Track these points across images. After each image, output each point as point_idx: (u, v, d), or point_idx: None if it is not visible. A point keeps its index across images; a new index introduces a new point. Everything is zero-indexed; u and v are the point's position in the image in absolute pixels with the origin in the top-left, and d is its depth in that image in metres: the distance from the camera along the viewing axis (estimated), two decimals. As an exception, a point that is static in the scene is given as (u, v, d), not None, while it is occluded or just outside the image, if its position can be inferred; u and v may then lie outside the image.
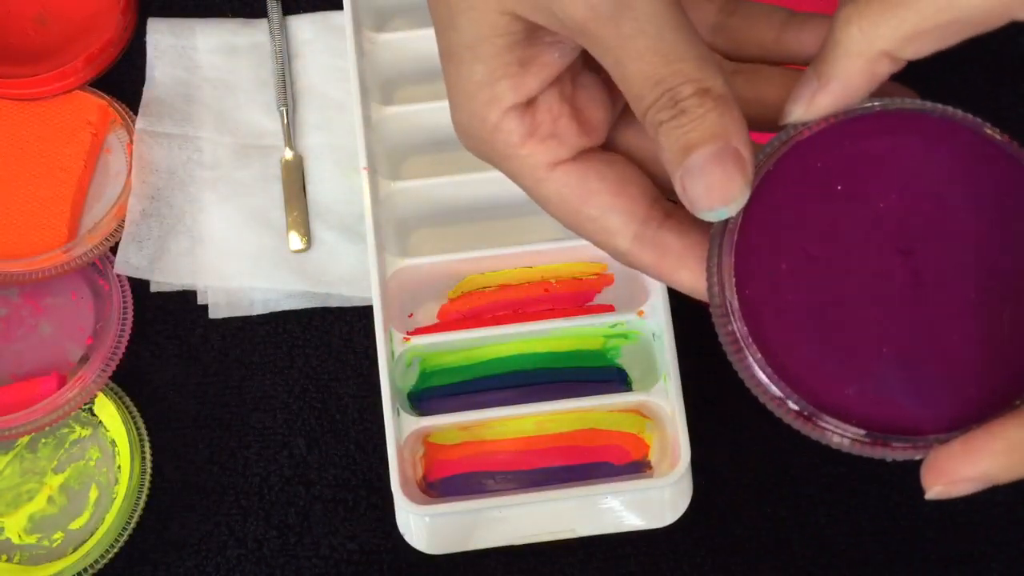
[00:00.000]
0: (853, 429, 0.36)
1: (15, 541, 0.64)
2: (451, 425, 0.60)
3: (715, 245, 0.37)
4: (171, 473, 0.65)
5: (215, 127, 0.70)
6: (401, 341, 0.60)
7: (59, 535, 0.64)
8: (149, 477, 0.64)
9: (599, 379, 0.63)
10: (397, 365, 0.60)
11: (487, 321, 0.63)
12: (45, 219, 0.67)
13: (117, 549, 0.63)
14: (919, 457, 0.35)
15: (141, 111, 0.69)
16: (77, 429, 0.65)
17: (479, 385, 0.63)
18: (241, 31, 0.71)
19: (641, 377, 0.62)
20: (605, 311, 0.63)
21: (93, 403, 0.65)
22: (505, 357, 0.62)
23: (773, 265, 0.36)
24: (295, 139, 0.69)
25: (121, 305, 0.66)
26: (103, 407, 0.65)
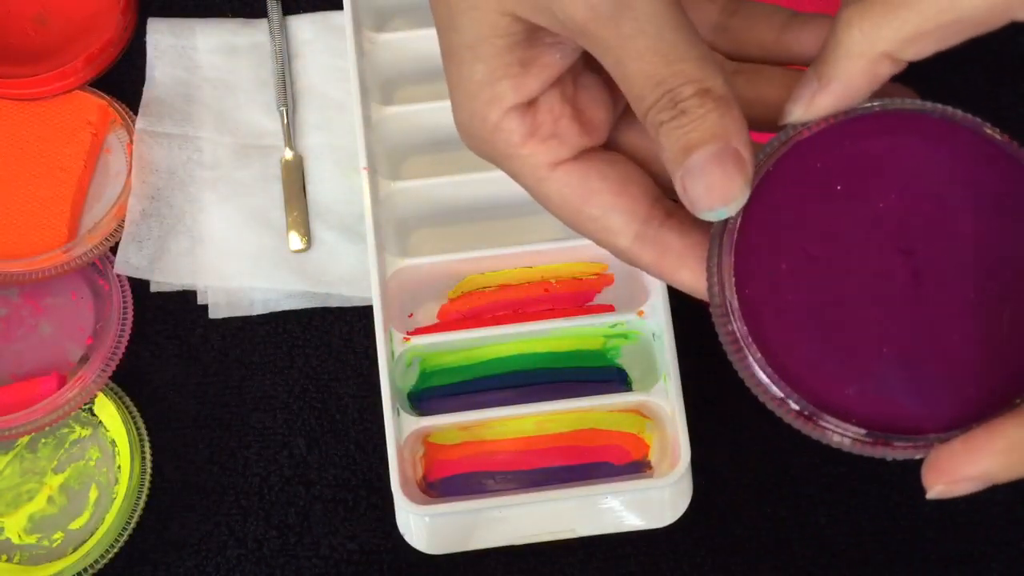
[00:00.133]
0: (854, 428, 0.36)
1: (15, 541, 0.64)
2: (451, 425, 0.60)
3: (715, 245, 0.37)
4: (171, 473, 0.65)
5: (215, 127, 0.70)
6: (401, 341, 0.60)
7: (59, 535, 0.64)
8: (149, 477, 0.64)
9: (599, 379, 0.63)
10: (397, 365, 0.60)
11: (487, 321, 0.63)
12: (45, 219, 0.67)
13: (117, 549, 0.63)
14: (920, 456, 0.35)
15: (141, 111, 0.69)
16: (77, 429, 0.65)
17: (479, 385, 0.63)
18: (241, 31, 0.71)
19: (641, 377, 0.62)
20: (605, 311, 0.63)
21: (93, 403, 0.65)
22: (505, 357, 0.62)
23: (773, 265, 0.36)
24: (295, 139, 0.69)
25: (121, 305, 0.66)
26: (103, 407, 0.65)
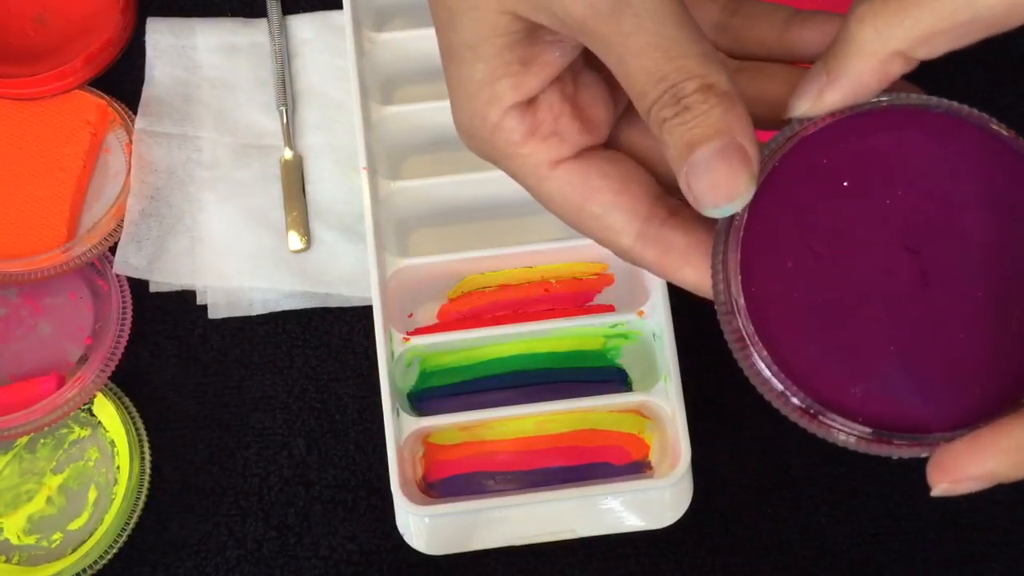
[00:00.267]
0: (859, 427, 0.35)
1: (14, 542, 0.63)
2: (451, 425, 0.60)
3: (720, 242, 0.37)
4: (170, 473, 0.64)
5: (214, 127, 0.69)
6: (401, 341, 0.60)
7: (58, 536, 0.63)
8: (148, 478, 0.64)
9: (599, 379, 0.63)
10: (397, 365, 0.60)
11: (487, 321, 0.63)
12: (44, 219, 0.67)
13: (116, 550, 0.63)
14: (925, 455, 0.35)
15: (140, 111, 0.69)
16: (76, 429, 0.65)
17: (479, 385, 0.63)
18: (240, 31, 0.71)
19: (641, 377, 0.62)
20: (605, 311, 0.63)
21: (92, 403, 0.65)
22: (505, 357, 0.62)
23: (779, 262, 0.36)
24: (295, 139, 0.69)
25: (120, 305, 0.66)
26: (102, 407, 0.65)
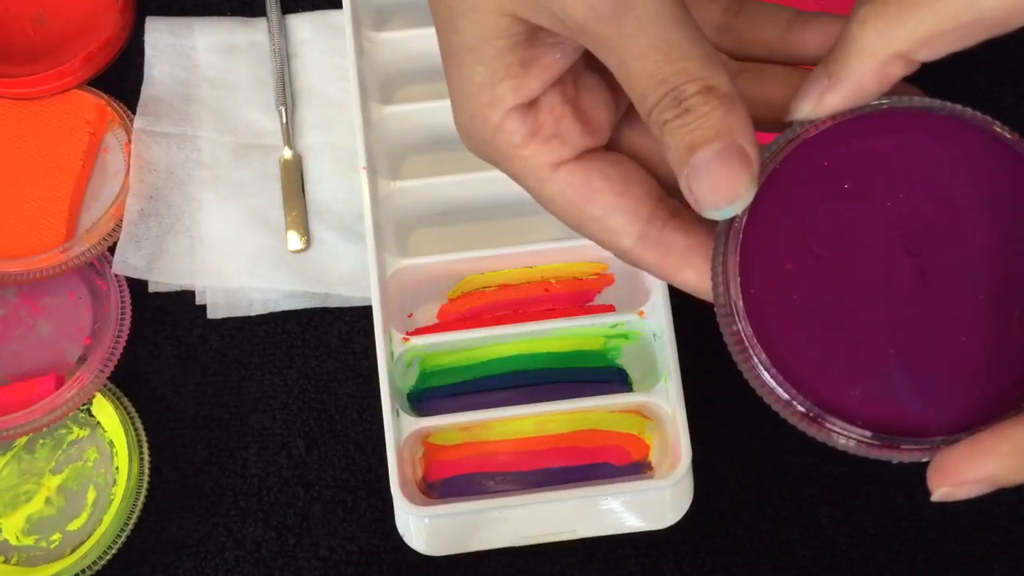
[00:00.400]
0: (859, 431, 0.35)
1: (13, 542, 0.63)
2: (451, 426, 0.59)
3: (720, 244, 0.37)
4: (169, 474, 0.64)
5: (214, 126, 0.69)
6: (401, 341, 0.60)
7: (57, 536, 0.63)
8: (147, 478, 0.64)
9: (599, 379, 0.63)
10: (397, 365, 0.60)
11: (487, 321, 0.63)
12: (43, 219, 0.67)
13: (115, 550, 0.62)
14: (925, 459, 0.35)
15: (139, 110, 0.69)
16: (75, 430, 0.65)
17: (479, 385, 0.62)
18: (240, 30, 0.71)
19: (642, 377, 0.62)
20: (605, 311, 0.63)
21: (91, 404, 0.65)
22: (505, 357, 0.62)
23: (778, 264, 0.36)
24: (294, 138, 0.69)
25: (119, 305, 0.66)
26: (101, 408, 0.65)
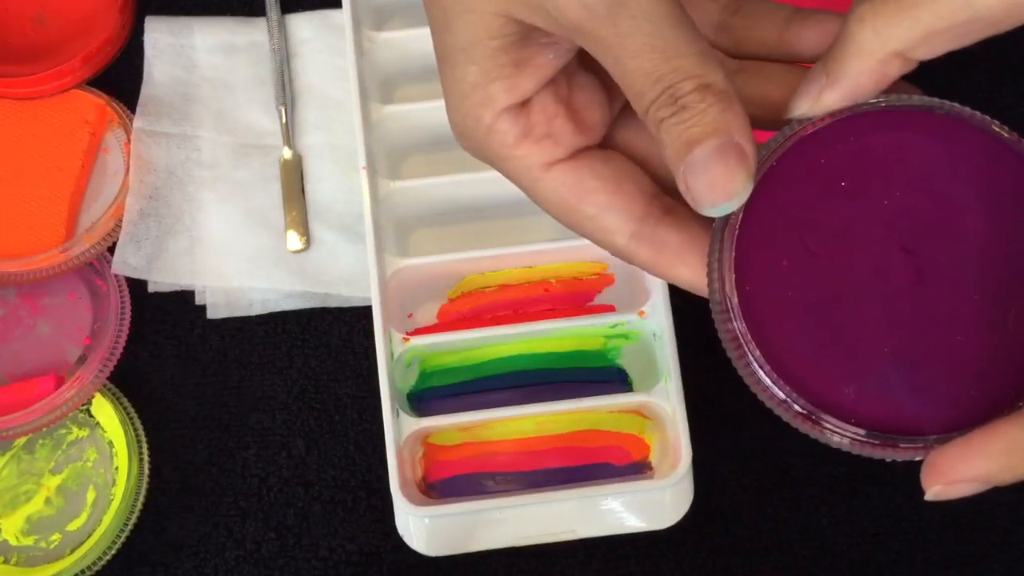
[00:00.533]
0: (853, 429, 0.35)
1: (12, 543, 0.63)
2: (451, 426, 0.59)
3: (716, 241, 0.37)
4: (169, 474, 0.64)
5: (214, 126, 0.69)
6: (401, 341, 0.60)
7: (56, 536, 0.63)
8: (147, 478, 0.64)
9: (600, 379, 0.62)
10: (396, 365, 0.60)
11: (487, 321, 0.63)
12: (43, 219, 0.67)
13: (115, 551, 0.62)
14: (920, 458, 0.35)
15: (139, 110, 0.69)
16: (75, 430, 0.65)
17: (479, 386, 0.62)
18: (239, 30, 0.71)
19: (642, 378, 0.62)
20: (606, 311, 0.63)
21: (91, 404, 0.65)
22: (505, 357, 0.62)
23: (774, 262, 0.36)
24: (294, 138, 0.69)
25: (119, 305, 0.66)
26: (101, 408, 0.65)
